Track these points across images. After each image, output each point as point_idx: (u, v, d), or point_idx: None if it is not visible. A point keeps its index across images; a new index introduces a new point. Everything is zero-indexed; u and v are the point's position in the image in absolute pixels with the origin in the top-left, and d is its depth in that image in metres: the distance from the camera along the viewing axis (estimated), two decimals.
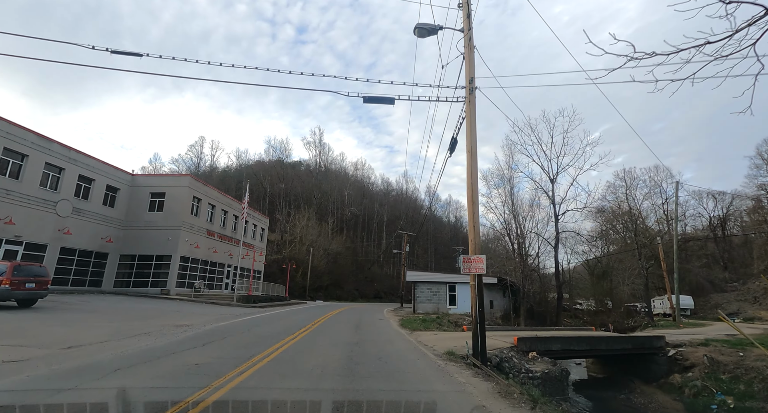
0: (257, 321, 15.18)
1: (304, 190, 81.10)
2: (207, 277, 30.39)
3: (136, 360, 6.44)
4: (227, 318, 15.10)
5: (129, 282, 25.88)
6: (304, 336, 11.19)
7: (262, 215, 42.99)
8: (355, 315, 23.73)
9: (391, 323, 18.85)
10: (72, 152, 22.32)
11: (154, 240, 26.32)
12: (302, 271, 56.16)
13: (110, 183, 25.32)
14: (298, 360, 7.42)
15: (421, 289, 29.10)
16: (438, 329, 16.70)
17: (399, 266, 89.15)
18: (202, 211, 29.35)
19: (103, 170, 24.69)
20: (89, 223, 23.65)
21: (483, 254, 9.31)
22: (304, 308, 27.54)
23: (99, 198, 24.44)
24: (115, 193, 25.99)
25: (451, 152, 11.37)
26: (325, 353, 8.30)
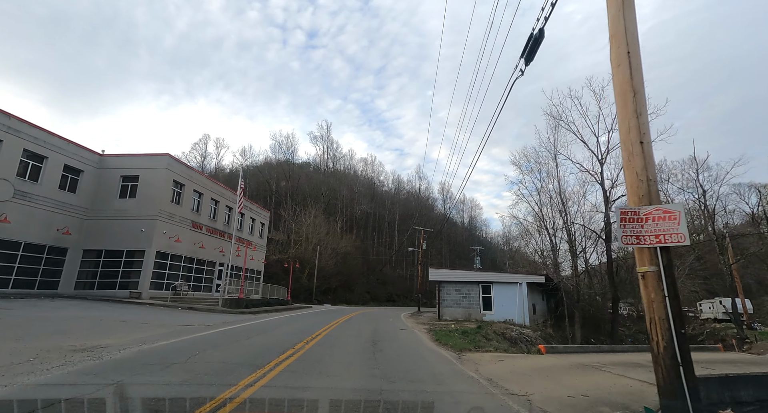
0: (228, 335, 10.34)
1: (312, 187, 76.63)
2: (192, 277, 25.73)
3: None
4: (187, 332, 10.26)
5: (93, 283, 21.33)
6: (285, 367, 6.28)
7: (263, 208, 38.41)
8: (369, 322, 18.75)
9: (418, 335, 13.81)
10: (13, 121, 17.88)
11: (125, 233, 21.77)
12: (308, 272, 51.40)
13: (70, 163, 20.86)
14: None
15: (447, 290, 23.96)
16: (490, 345, 11.59)
17: (413, 267, 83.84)
18: (185, 199, 24.74)
19: (60, 146, 20.24)
20: (40, 210, 19.17)
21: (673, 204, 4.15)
22: (307, 315, 22.63)
23: (54, 180, 19.97)
24: (77, 175, 21.53)
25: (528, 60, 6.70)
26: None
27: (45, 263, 19.61)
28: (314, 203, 64.09)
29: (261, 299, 27.74)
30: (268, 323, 15.04)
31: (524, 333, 16.88)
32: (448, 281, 24.11)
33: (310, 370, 6.29)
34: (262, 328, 12.62)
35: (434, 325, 18.93)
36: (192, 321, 13.78)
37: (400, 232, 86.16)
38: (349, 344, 10.01)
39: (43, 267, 19.49)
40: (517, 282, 22.18)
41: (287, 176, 77.79)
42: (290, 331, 12.32)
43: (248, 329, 12.21)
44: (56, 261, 20.32)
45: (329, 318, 20.53)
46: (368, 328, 15.32)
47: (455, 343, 11.10)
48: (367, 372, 6.48)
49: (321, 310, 30.41)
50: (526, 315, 21.38)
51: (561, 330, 21.51)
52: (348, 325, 16.24)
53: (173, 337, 9.35)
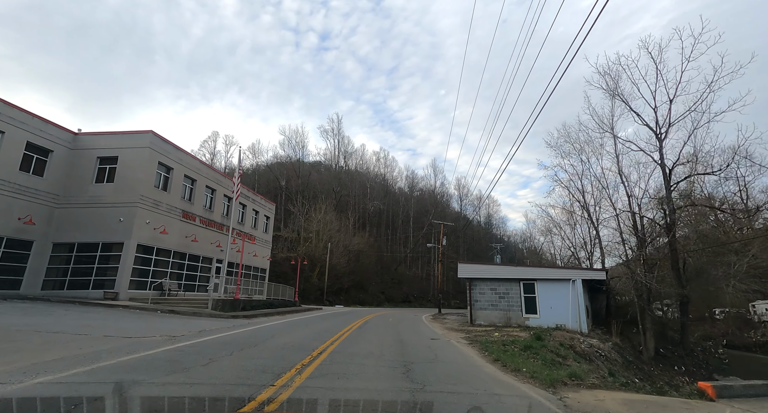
0: (197, 352, 6.76)
1: (322, 183, 73.37)
2: (184, 275, 22.41)
3: None
4: (116, 354, 6.67)
5: (64, 282, 18.15)
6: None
7: (268, 200, 35.08)
8: (389, 329, 14.97)
9: (462, 350, 9.96)
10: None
11: (101, 223, 18.55)
12: (319, 270, 47.99)
13: (35, 141, 17.73)
14: None
15: (480, 289, 20.01)
16: (580, 371, 7.62)
17: (429, 266, 79.76)
18: (174, 185, 21.44)
19: (21, 120, 17.12)
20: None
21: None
22: (313, 319, 19.00)
23: (13, 160, 16.84)
24: (44, 156, 18.41)
25: None
26: None
27: (2, 259, 16.47)
28: (325, 198, 60.74)
29: (264, 300, 24.29)
30: (259, 332, 11.41)
31: (593, 344, 12.83)
32: (481, 278, 20.15)
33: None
34: (244, 342, 8.97)
35: (471, 333, 15.06)
36: (158, 330, 10.26)
37: (415, 229, 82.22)
38: (367, 371, 6.25)
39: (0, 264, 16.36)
40: (569, 279, 18.07)
41: (297, 173, 74.87)
42: (282, 346, 8.63)
43: (223, 343, 8.58)
44: (18, 256, 17.20)
45: (340, 323, 16.86)
46: (390, 339, 11.54)
47: (530, 368, 7.20)
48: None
49: (331, 312, 26.80)
50: (583, 320, 17.27)
51: (628, 340, 17.31)
52: (363, 334, 12.50)
53: (110, 358, 5.85)
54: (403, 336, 12.80)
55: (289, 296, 29.77)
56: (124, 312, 14.73)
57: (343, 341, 10.20)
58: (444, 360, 8.15)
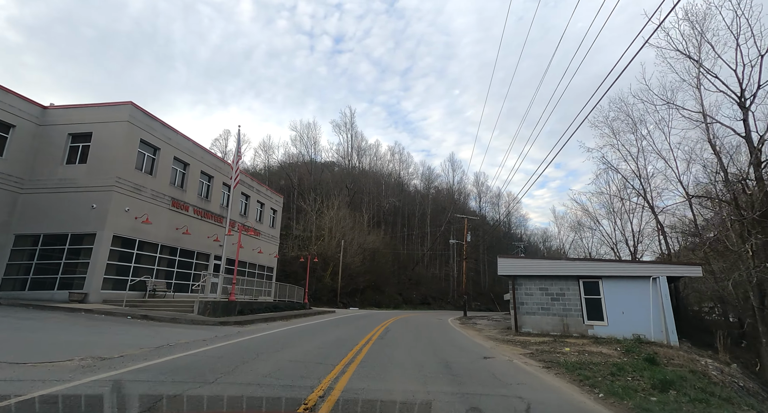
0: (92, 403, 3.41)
1: (335, 180, 70.33)
2: (175, 273, 19.31)
3: None
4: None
5: (26, 282, 15.21)
6: None
7: (275, 192, 31.94)
8: (418, 341, 11.29)
9: (553, 385, 6.25)
10: None
11: (70, 210, 15.57)
12: (332, 270, 44.71)
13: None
14: None
15: (527, 289, 16.22)
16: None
17: (448, 266, 75.56)
18: (161, 167, 18.39)
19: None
20: None
21: None
22: (323, 326, 15.54)
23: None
24: (4, 131, 15.55)
25: None
26: None
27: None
28: (338, 194, 57.57)
29: (267, 302, 21.03)
30: (238, 350, 7.97)
31: (721, 369, 8.92)
32: (527, 275, 16.36)
33: None
34: (200, 371, 5.54)
35: (528, 346, 11.34)
36: (92, 348, 6.96)
37: (433, 228, 78.34)
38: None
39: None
40: (649, 276, 14.10)
41: (309, 170, 72.11)
42: (260, 379, 5.14)
43: (161, 374, 5.15)
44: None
45: (354, 331, 13.33)
46: (429, 360, 7.93)
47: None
48: None
49: (345, 316, 23.35)
50: (672, 330, 13.27)
51: (735, 357, 13.21)
52: (388, 350, 8.91)
53: None
54: (444, 353, 9.18)
55: (298, 298, 26.51)
56: (81, 318, 11.58)
57: (360, 365, 6.67)
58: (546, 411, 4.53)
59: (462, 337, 13.97)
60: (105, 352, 6.49)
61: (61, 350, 6.53)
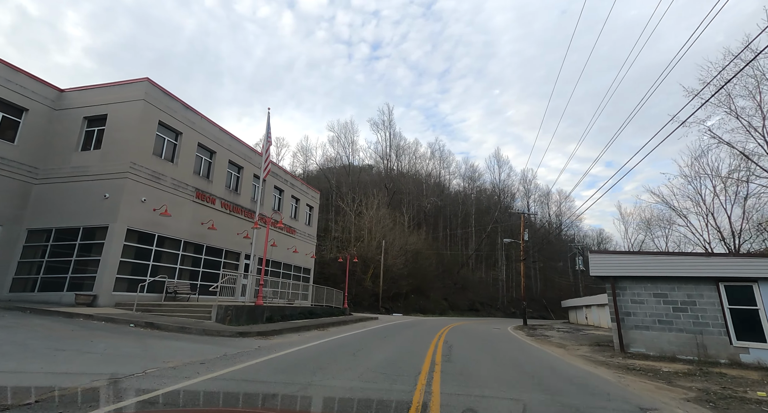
0: None
1: (373, 181, 67.92)
2: (200, 273, 17.20)
3: None
4: None
5: (36, 282, 13.56)
6: None
7: (311, 187, 29.68)
8: (507, 370, 7.68)
9: None
10: None
11: (83, 201, 13.81)
12: (373, 272, 41.84)
13: (0, 94, 13.47)
14: None
15: (634, 294, 12.15)
16: None
17: (496, 269, 70.15)
18: (184, 154, 16.41)
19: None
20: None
21: None
22: (366, 337, 12.41)
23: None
24: (16, 116, 14.15)
25: None
26: None
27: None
28: (377, 193, 54.88)
29: (303, 307, 18.40)
30: (249, 382, 5.02)
31: None
32: (633, 277, 12.28)
33: None
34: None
35: (673, 380, 7.49)
36: (31, 376, 4.31)
37: (478, 229, 73.42)
38: None
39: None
40: None
41: (347, 171, 70.32)
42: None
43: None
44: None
45: (407, 346, 10.05)
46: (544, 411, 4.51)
47: None
48: None
49: (390, 324, 20.17)
50: None
51: None
52: (467, 384, 5.56)
53: None
54: (563, 394, 5.68)
55: (337, 303, 23.77)
56: (70, 326, 9.34)
57: None
58: None
59: (555, 359, 10.27)
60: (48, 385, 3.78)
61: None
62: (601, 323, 32.65)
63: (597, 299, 34.63)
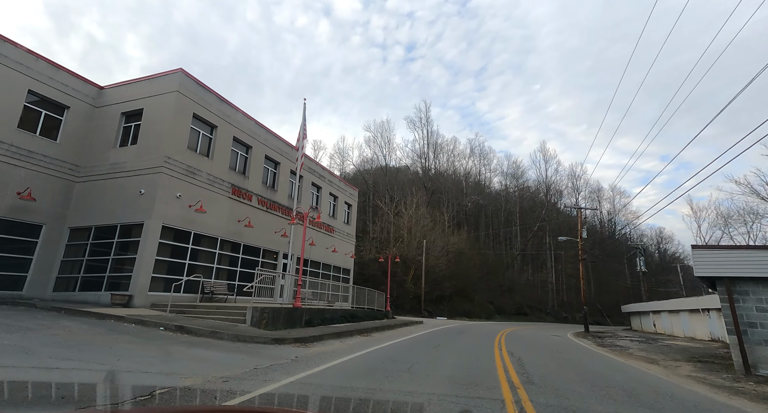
0: None
1: (411, 180, 66.29)
2: (238, 273, 16.47)
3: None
4: None
5: (77, 281, 13.30)
6: None
7: (349, 184, 28.59)
8: (618, 402, 5.78)
9: None
10: None
11: (120, 198, 13.43)
12: (414, 273, 40.13)
13: (42, 91, 13.44)
14: None
15: (759, 300, 9.55)
16: None
17: (545, 271, 65.71)
18: (219, 148, 15.77)
19: (18, 59, 12.86)
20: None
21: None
22: (414, 345, 10.75)
23: (9, 114, 12.54)
24: (58, 114, 14.09)
25: None
26: None
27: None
28: (416, 191, 53.13)
29: (344, 310, 17.15)
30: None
31: None
32: (757, 278, 9.68)
33: None
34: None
35: None
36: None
37: (523, 229, 69.39)
38: None
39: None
40: None
41: (384, 171, 69.21)
42: None
43: None
44: (21, 247, 12.77)
45: (468, 359, 8.29)
46: None
47: None
48: None
49: (438, 330, 18.36)
50: None
51: None
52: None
53: None
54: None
55: (379, 305, 22.37)
56: (97, 328, 8.58)
57: None
58: None
59: (662, 381, 8.07)
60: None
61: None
62: (674, 331, 28.69)
63: (667, 305, 30.62)
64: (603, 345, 17.18)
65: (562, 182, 76.77)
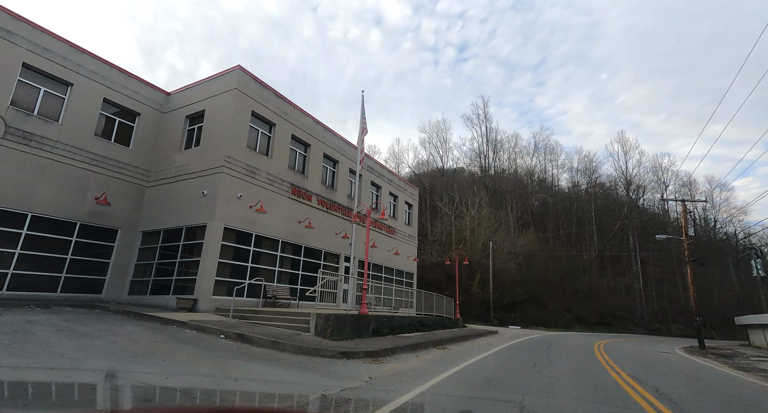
0: None
1: (470, 180, 63.23)
2: (300, 276, 15.74)
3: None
4: None
5: (148, 285, 13.38)
6: None
7: (409, 183, 27.15)
8: None
9: None
10: (10, 19, 11.37)
11: (184, 200, 13.34)
12: (480, 278, 37.36)
13: (115, 99, 13.89)
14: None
15: None
16: None
17: (629, 275, 58.30)
18: (278, 147, 15.26)
19: (93, 69, 13.37)
20: (60, 165, 12.24)
21: None
22: (503, 359, 8.78)
23: (86, 122, 13.03)
24: (130, 120, 14.51)
25: None
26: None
27: (75, 252, 12.47)
28: (477, 191, 50.14)
29: (411, 317, 15.61)
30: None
31: None
32: None
33: None
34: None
35: None
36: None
37: (599, 229, 62.51)
38: None
39: (70, 257, 12.35)
40: None
41: (441, 171, 66.95)
42: None
43: None
44: (99, 250, 13.14)
45: (580, 382, 6.20)
46: None
47: None
48: None
49: (520, 342, 15.96)
50: None
51: None
52: None
53: None
54: None
55: (447, 312, 20.47)
56: (159, 336, 7.98)
57: None
58: None
59: None
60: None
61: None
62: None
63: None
64: (741, 368, 13.55)
65: (645, 176, 67.95)
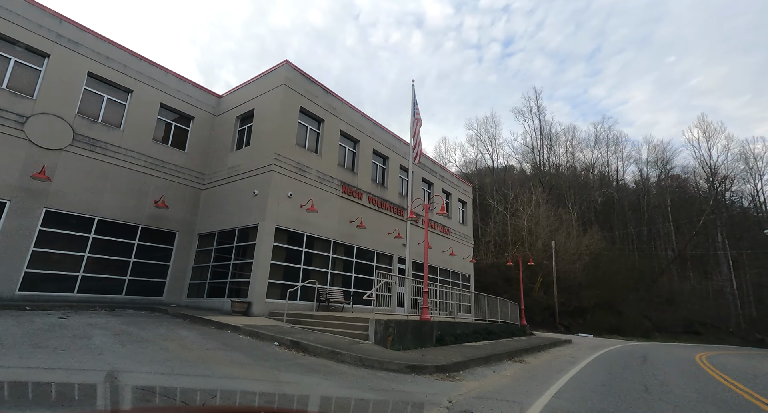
0: None
1: (523, 177, 59.63)
2: (353, 278, 14.95)
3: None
4: None
5: (204, 287, 13.31)
6: None
7: (462, 179, 25.54)
8: None
9: None
10: (67, 27, 11.86)
11: (236, 201, 13.13)
12: (542, 281, 34.45)
13: (172, 104, 14.13)
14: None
15: None
16: None
17: (717, 277, 51.14)
18: (327, 144, 14.66)
19: (152, 76, 13.67)
20: (123, 171, 12.55)
21: None
22: (605, 387, 7.11)
23: (145, 127, 13.32)
24: (185, 124, 14.71)
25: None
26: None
27: (137, 255, 12.69)
28: (534, 188, 46.83)
29: (473, 323, 14.17)
30: None
31: None
32: None
33: None
34: None
35: None
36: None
37: (677, 226, 55.74)
38: None
39: (133, 260, 12.58)
40: None
41: (491, 169, 63.89)
42: None
43: None
44: (158, 253, 13.32)
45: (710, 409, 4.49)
46: None
47: None
48: None
49: (604, 353, 13.75)
50: None
51: None
52: None
53: None
54: None
55: (512, 318, 18.62)
56: (216, 341, 7.45)
57: None
58: None
59: None
60: None
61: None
62: None
63: None
64: None
65: (733, 165, 59.54)
